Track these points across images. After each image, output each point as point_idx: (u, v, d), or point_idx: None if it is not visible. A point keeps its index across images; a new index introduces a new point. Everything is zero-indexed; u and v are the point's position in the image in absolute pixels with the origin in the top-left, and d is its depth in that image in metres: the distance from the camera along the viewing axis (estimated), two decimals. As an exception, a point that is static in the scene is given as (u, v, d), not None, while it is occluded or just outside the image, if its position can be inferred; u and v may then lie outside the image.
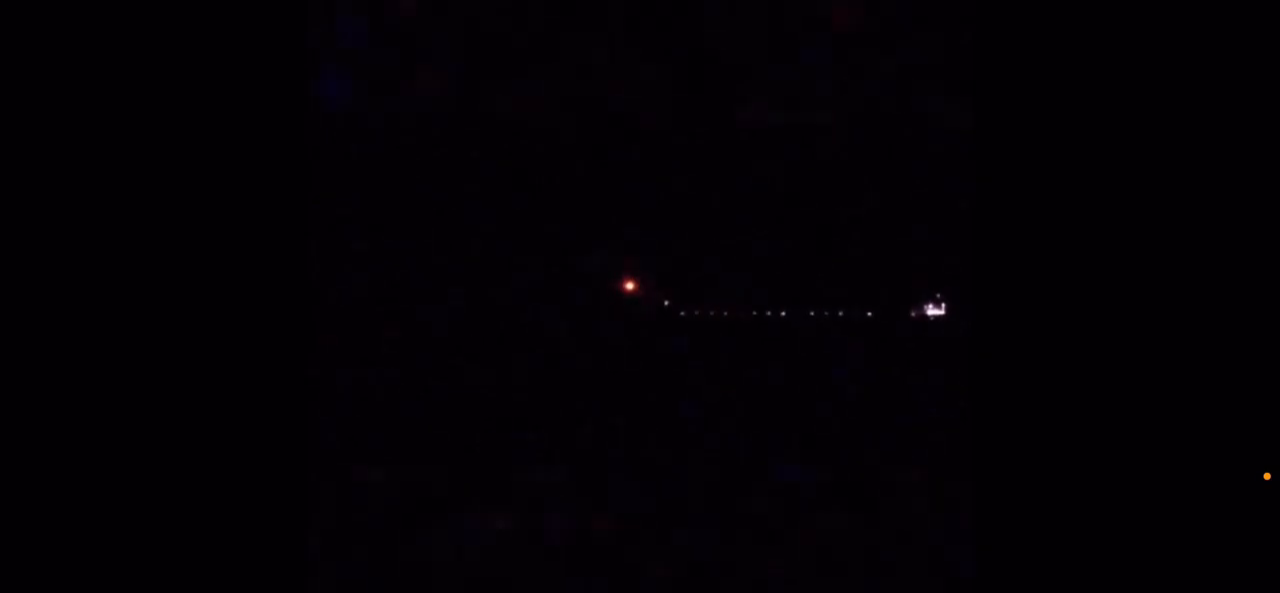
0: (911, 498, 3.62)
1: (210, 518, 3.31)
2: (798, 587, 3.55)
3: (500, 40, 3.64)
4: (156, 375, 3.30)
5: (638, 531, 3.62)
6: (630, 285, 3.73)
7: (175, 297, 3.31)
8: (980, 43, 3.33)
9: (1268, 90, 3.25)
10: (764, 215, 3.72)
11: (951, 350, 3.66)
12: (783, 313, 3.73)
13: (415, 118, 3.65)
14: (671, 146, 3.68)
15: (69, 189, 3.29)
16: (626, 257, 3.72)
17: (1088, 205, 3.29)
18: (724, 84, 3.65)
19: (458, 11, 3.63)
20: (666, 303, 3.74)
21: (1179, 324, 3.27)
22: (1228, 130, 3.27)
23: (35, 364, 3.27)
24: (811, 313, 3.73)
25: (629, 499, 3.65)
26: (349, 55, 3.63)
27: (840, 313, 3.73)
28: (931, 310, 3.71)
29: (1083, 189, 3.29)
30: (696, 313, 3.75)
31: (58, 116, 3.29)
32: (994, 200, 3.32)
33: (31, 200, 3.27)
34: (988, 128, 3.32)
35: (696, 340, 3.74)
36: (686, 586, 3.57)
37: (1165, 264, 3.28)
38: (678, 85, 3.65)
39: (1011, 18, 3.30)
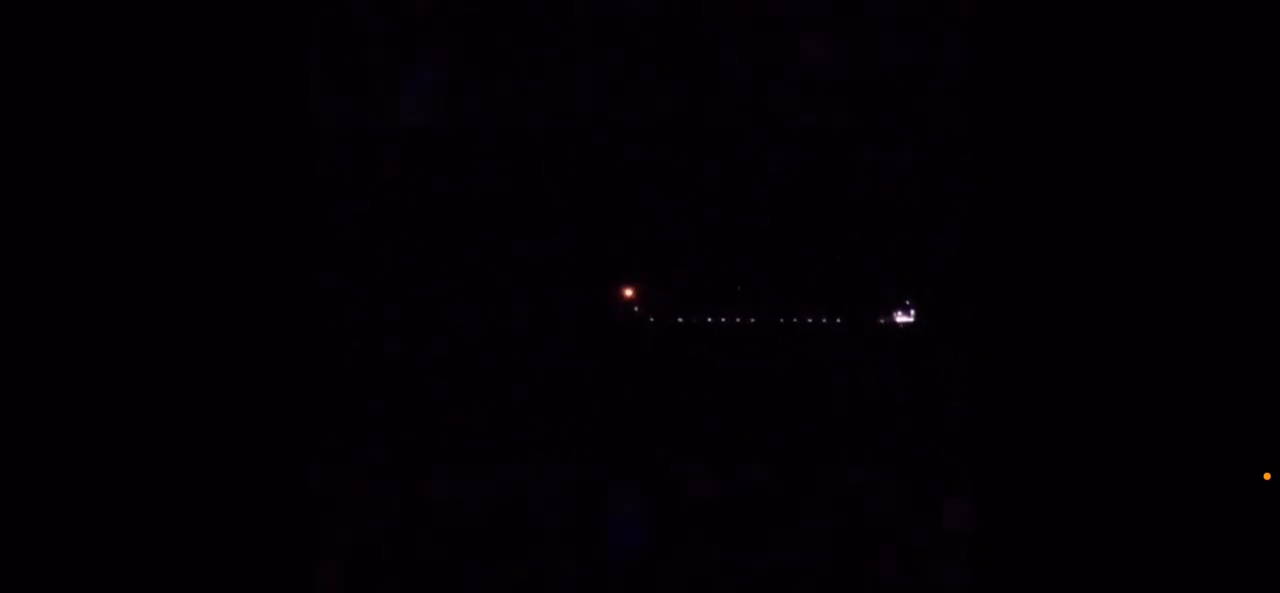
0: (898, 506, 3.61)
1: (209, 520, 3.31)
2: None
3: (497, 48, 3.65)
4: (156, 377, 3.31)
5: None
6: (628, 292, 3.72)
7: (175, 299, 3.32)
8: (980, 46, 3.35)
9: (1268, 91, 3.26)
10: (755, 220, 3.72)
11: (926, 356, 3.64)
12: (779, 319, 3.73)
13: (415, 127, 3.66)
14: (660, 151, 3.70)
15: (67, 189, 3.30)
16: (620, 263, 3.72)
17: (1087, 207, 3.29)
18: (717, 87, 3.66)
19: (457, 19, 3.64)
20: (664, 312, 3.74)
21: (1178, 323, 3.28)
22: (1228, 132, 3.27)
23: (34, 368, 3.28)
24: (795, 319, 3.72)
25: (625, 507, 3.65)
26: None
27: (823, 319, 3.73)
28: (900, 317, 3.69)
29: (1083, 190, 3.29)
30: (693, 320, 3.74)
31: (56, 116, 3.30)
32: (993, 202, 3.33)
33: (22, 194, 3.29)
34: (987, 129, 3.33)
35: (694, 346, 3.74)
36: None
37: (1164, 265, 3.28)
38: (670, 90, 3.65)
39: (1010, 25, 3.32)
